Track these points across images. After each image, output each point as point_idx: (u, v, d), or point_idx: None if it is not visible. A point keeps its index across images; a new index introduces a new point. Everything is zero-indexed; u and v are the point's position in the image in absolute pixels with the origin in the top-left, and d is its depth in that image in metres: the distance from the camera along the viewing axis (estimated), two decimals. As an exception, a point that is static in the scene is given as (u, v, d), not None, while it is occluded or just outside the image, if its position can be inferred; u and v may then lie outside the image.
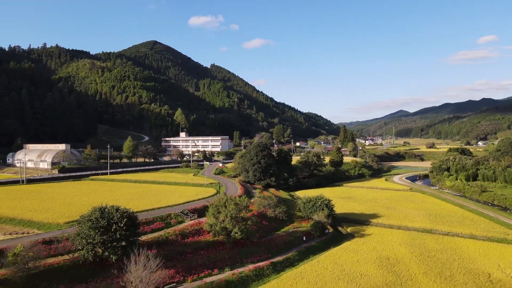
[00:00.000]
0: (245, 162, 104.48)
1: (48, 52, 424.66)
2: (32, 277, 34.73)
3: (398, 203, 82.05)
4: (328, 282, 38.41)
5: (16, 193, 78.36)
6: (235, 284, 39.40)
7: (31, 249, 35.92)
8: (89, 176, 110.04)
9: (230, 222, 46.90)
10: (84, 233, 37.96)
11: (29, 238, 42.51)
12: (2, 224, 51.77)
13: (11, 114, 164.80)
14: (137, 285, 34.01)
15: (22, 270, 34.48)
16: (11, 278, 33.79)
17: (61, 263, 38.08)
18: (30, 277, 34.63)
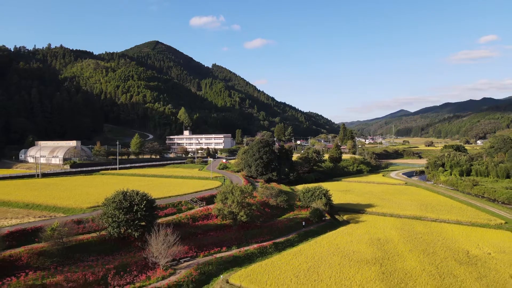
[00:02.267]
0: (248, 158, 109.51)
1: (53, 52, 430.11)
2: (66, 250, 40.06)
3: (392, 195, 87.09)
4: (324, 257, 43.57)
5: (34, 185, 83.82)
6: (242, 259, 44.68)
7: (65, 226, 41.24)
8: (99, 171, 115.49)
9: (237, 207, 52.17)
10: (110, 213, 43.27)
11: (59, 219, 47.75)
12: (30, 209, 57.16)
13: (22, 113, 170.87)
14: (157, 257, 39.40)
15: (58, 243, 39.81)
16: (48, 250, 39.14)
17: (90, 239, 43.42)
18: (65, 249, 39.96)
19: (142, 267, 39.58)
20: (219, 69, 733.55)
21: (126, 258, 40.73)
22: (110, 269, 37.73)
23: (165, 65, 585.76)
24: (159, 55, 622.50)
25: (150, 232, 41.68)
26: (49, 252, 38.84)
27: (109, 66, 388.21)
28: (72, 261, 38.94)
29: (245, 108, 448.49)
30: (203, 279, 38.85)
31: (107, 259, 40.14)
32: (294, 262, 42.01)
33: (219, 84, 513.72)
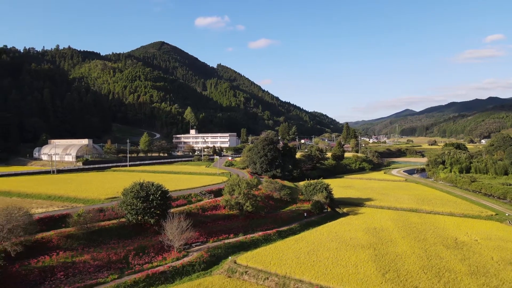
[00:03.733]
0: (252, 155, 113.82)
1: (61, 53, 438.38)
2: (90, 234, 44.59)
3: (392, 191, 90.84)
4: (323, 242, 47.69)
5: (52, 180, 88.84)
6: (248, 244, 48.99)
7: (89, 213, 45.79)
8: (110, 168, 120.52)
9: (243, 198, 56.48)
10: (129, 201, 47.73)
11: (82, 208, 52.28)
12: (52, 200, 61.92)
13: (35, 112, 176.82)
14: (172, 240, 43.83)
15: (83, 228, 44.35)
16: (75, 233, 43.71)
17: (111, 225, 47.94)
18: (89, 233, 44.49)
19: (159, 249, 44.01)
20: (224, 69, 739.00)
21: (143, 242, 45.23)
22: (130, 251, 42.26)
23: (170, 65, 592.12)
24: (165, 55, 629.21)
25: (165, 219, 46.17)
26: (76, 236, 43.40)
27: (116, 66, 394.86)
28: (96, 244, 43.43)
29: (250, 107, 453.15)
30: (213, 260, 43.20)
31: (127, 242, 44.64)
32: (295, 246, 46.18)
33: (224, 84, 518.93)
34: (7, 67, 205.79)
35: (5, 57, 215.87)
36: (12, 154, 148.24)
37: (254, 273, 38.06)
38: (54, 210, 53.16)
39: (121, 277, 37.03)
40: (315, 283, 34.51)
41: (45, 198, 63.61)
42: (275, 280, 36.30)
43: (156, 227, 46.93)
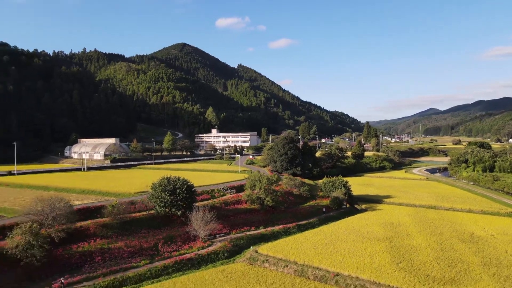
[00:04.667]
0: (273, 154, 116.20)
1: (88, 56, 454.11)
2: (123, 224, 48.35)
3: (411, 188, 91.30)
4: (340, 235, 49.76)
5: (83, 176, 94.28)
6: (268, 236, 51.66)
7: (121, 205, 49.61)
8: (136, 166, 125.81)
9: (263, 193, 59.18)
10: (157, 194, 51.30)
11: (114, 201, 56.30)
12: (86, 194, 66.50)
13: (65, 113, 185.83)
14: (197, 230, 47.02)
15: (117, 218, 48.16)
16: (110, 223, 47.56)
17: (141, 216, 51.68)
18: (122, 223, 48.26)
19: (185, 239, 47.31)
20: (245, 70, 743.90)
21: (171, 232, 48.66)
22: (160, 239, 45.75)
23: (192, 66, 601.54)
24: (186, 56, 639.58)
25: (190, 211, 49.49)
26: (110, 225, 47.24)
27: (140, 68, 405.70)
28: (129, 233, 47.12)
29: (270, 107, 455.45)
30: (235, 249, 46.12)
31: (156, 232, 48.17)
32: (314, 238, 48.49)
33: (244, 84, 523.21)
34: (40, 71, 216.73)
35: (37, 61, 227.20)
36: (45, 152, 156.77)
37: (274, 261, 40.69)
38: (89, 202, 57.49)
39: (152, 262, 40.45)
40: (331, 270, 36.80)
41: (79, 192, 68.26)
42: (294, 267, 38.80)
43: (183, 218, 50.30)
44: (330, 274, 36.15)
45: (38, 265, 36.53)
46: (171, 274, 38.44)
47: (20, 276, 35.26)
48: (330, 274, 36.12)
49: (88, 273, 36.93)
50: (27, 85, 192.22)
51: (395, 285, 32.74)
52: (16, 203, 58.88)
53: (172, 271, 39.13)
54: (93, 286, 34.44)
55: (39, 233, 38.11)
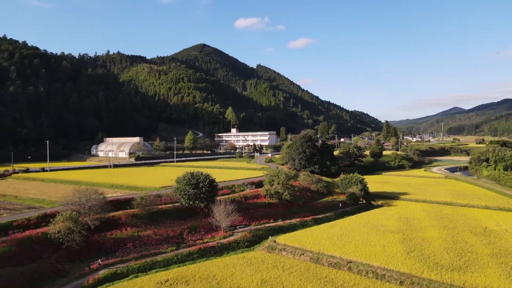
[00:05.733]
0: (291, 152, 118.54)
1: (111, 58, 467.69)
2: (151, 215, 52.09)
3: (429, 186, 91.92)
4: (355, 227, 51.96)
5: (111, 172, 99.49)
6: (286, 228, 54.39)
7: (149, 197, 53.43)
8: (159, 163, 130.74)
9: (281, 187, 61.92)
10: (182, 188, 54.83)
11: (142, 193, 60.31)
12: (115, 188, 70.99)
13: (92, 113, 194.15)
14: (219, 221, 50.24)
15: (145, 209, 51.94)
16: (139, 213, 51.38)
17: (167, 208, 55.37)
18: (150, 214, 52.00)
19: (208, 229, 50.61)
20: (264, 70, 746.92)
21: (195, 222, 52.07)
22: (185, 229, 49.21)
23: (211, 67, 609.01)
24: (206, 57, 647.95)
25: (213, 204, 52.81)
26: (139, 215, 51.07)
27: (161, 69, 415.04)
28: (156, 223, 50.79)
29: (289, 107, 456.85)
30: (255, 239, 49.09)
31: (181, 222, 51.66)
32: (329, 230, 50.92)
33: (263, 84, 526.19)
34: (67, 73, 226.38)
35: (65, 63, 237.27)
36: (73, 151, 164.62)
37: (291, 250, 43.42)
38: (119, 195, 61.74)
39: (178, 249, 43.90)
40: (345, 258, 39.24)
41: (108, 187, 72.79)
42: (310, 255, 41.43)
43: (206, 210, 53.67)
44: (343, 261, 38.59)
45: (77, 248, 40.59)
46: (195, 259, 41.76)
47: (62, 257, 39.34)
48: (344, 261, 38.56)
49: (121, 257, 40.67)
50: (56, 87, 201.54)
51: (405, 271, 34.92)
52: (53, 196, 63.88)
53: (197, 257, 42.46)
54: (127, 267, 38.08)
55: (78, 220, 42.18)
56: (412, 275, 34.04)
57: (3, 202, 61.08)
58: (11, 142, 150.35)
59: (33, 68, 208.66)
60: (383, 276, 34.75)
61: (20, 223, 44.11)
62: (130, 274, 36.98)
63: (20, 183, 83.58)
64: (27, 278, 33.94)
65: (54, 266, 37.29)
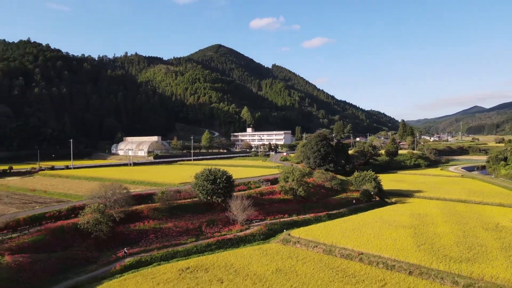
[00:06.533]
0: (306, 150, 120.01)
1: (129, 59, 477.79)
2: (171, 208, 54.80)
3: (444, 185, 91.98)
4: (368, 222, 53.43)
5: (131, 170, 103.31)
6: (300, 222, 56.28)
7: (169, 192, 56.20)
8: (177, 162, 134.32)
9: (296, 184, 63.82)
10: (200, 183, 57.40)
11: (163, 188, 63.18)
12: (136, 184, 74.32)
13: (111, 113, 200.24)
14: (236, 215, 52.55)
15: (165, 204, 54.67)
16: (160, 207, 54.14)
17: (186, 202, 58.06)
18: (170, 208, 54.70)
19: (225, 222, 53.00)
20: (279, 69, 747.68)
21: (213, 216, 54.56)
22: (203, 222, 51.72)
23: (227, 67, 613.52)
24: (222, 57, 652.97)
25: (229, 198, 55.18)
26: (160, 209, 53.83)
27: (177, 70, 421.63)
28: (176, 216, 53.45)
29: (305, 106, 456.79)
30: (270, 233, 51.20)
31: (200, 216, 54.21)
32: (342, 225, 52.60)
33: (279, 84, 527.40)
34: (89, 74, 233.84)
35: (86, 65, 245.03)
36: (94, 149, 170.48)
37: (305, 242, 45.35)
38: (140, 190, 64.86)
39: (197, 241, 46.40)
40: (356, 250, 40.92)
41: (130, 183, 76.06)
42: (323, 247, 43.27)
43: (223, 204, 56.07)
44: (355, 253, 40.30)
45: (104, 238, 43.58)
46: (214, 250, 44.17)
47: (91, 246, 42.35)
48: (355, 253, 40.27)
49: (145, 246, 43.43)
50: (78, 88, 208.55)
51: (414, 262, 36.41)
52: (79, 191, 67.56)
53: (215, 248, 44.87)
54: (150, 256, 40.75)
55: (104, 212, 45.20)
56: (421, 265, 35.51)
57: (33, 196, 65.13)
58: (36, 141, 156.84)
59: (56, 70, 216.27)
60: (393, 267, 36.34)
61: (52, 215, 47.50)
62: (154, 262, 39.62)
63: (47, 180, 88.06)
64: (61, 263, 36.98)
65: (84, 254, 40.29)
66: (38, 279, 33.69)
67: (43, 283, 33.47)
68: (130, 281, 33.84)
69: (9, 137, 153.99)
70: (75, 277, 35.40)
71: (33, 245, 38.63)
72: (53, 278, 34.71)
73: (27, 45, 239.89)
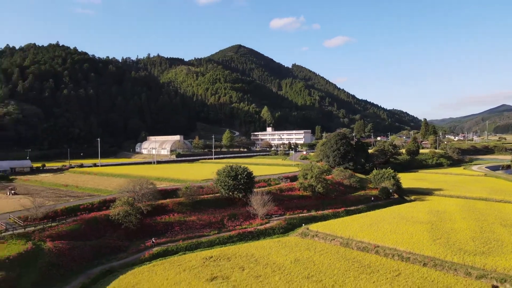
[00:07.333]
0: (326, 149, 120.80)
1: (152, 61, 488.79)
2: (194, 203, 57.58)
3: (466, 183, 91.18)
4: (385, 218, 54.52)
5: (154, 168, 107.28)
6: (319, 217, 57.94)
7: (193, 188, 58.98)
8: (198, 160, 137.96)
9: (315, 181, 65.42)
10: (222, 179, 59.95)
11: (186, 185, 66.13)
12: (160, 181, 77.65)
13: (136, 114, 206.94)
14: (256, 209, 54.75)
15: (189, 198, 57.49)
16: (184, 201, 57.01)
17: (208, 197, 60.74)
18: (194, 202, 57.49)
19: (246, 216, 55.30)
20: (299, 69, 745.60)
21: (234, 210, 56.98)
22: (225, 216, 54.22)
23: (247, 67, 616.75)
24: (242, 58, 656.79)
25: (250, 194, 57.46)
26: (184, 203, 56.69)
27: (198, 71, 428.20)
28: (199, 210, 56.15)
29: (325, 106, 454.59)
30: (289, 227, 53.13)
31: (221, 210, 56.72)
32: (360, 220, 53.92)
33: (299, 83, 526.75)
34: (113, 76, 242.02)
35: (111, 67, 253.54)
36: (119, 148, 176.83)
37: (323, 236, 47.04)
38: (165, 186, 68.07)
39: (219, 233, 48.87)
40: (373, 243, 42.31)
41: (154, 179, 79.16)
42: (340, 240, 44.86)
43: (244, 199, 58.42)
44: (371, 245, 41.71)
45: (133, 229, 46.67)
46: (235, 242, 46.53)
47: (121, 236, 45.48)
48: (372, 245, 41.68)
49: (171, 237, 46.26)
50: (103, 89, 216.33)
51: (429, 254, 37.56)
52: (108, 186, 71.48)
53: (236, 240, 47.22)
54: (176, 246, 43.49)
55: (134, 205, 48.33)
56: (435, 258, 36.66)
57: (66, 191, 69.48)
58: (65, 140, 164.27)
59: (83, 72, 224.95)
60: (408, 259, 37.62)
61: (86, 207, 51.10)
62: (179, 252, 42.32)
63: (77, 176, 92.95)
64: (95, 250, 40.18)
65: (115, 243, 43.42)
66: (76, 263, 36.93)
67: (81, 267, 36.70)
68: (159, 267, 36.55)
69: (41, 137, 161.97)
70: (108, 263, 38.51)
71: (70, 233, 42.04)
72: (88, 263, 37.93)
73: (56, 48, 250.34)
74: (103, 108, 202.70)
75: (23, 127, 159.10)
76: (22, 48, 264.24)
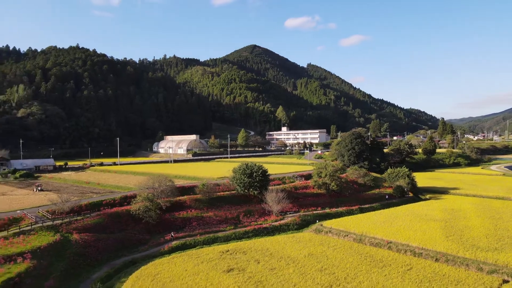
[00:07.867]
0: (341, 148, 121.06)
1: (168, 62, 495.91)
2: (211, 199, 59.37)
3: (482, 182, 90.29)
4: (399, 216, 55.06)
5: (172, 166, 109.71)
6: (333, 214, 58.92)
7: (209, 185, 60.80)
8: (214, 159, 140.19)
9: (329, 179, 66.34)
10: (238, 177, 61.57)
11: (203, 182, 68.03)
12: (178, 178, 79.67)
13: (153, 114, 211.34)
14: (271, 206, 56.12)
15: (206, 195, 59.34)
16: (201, 198, 58.88)
17: (224, 194, 62.45)
18: (210, 199, 59.29)
19: (261, 213, 56.77)
20: (314, 68, 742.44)
21: (249, 207, 58.52)
22: (241, 212, 55.82)
23: (262, 67, 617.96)
24: (257, 58, 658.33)
25: (265, 191, 58.88)
26: (201, 200, 58.57)
27: (214, 71, 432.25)
28: (215, 207, 57.90)
29: (340, 105, 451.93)
30: (303, 223, 54.31)
31: (237, 207, 58.34)
32: (373, 218, 54.61)
33: (314, 83, 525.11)
34: (132, 77, 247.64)
35: (129, 68, 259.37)
36: (137, 147, 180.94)
37: (336, 232, 48.05)
38: (182, 183, 70.12)
39: (235, 229, 50.45)
40: (386, 239, 43.11)
41: (172, 177, 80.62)
42: (353, 236, 45.81)
43: (259, 196, 59.90)
44: (384, 241, 42.54)
45: (153, 223, 48.72)
46: (251, 237, 48.04)
47: (142, 230, 47.60)
48: (384, 241, 42.50)
49: (189, 232, 48.10)
50: (122, 90, 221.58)
51: (441, 250, 38.19)
52: (128, 183, 74.07)
53: (252, 235, 48.72)
54: (193, 240, 45.30)
55: (153, 200, 50.42)
56: (447, 253, 37.28)
57: (89, 187, 72.42)
58: (86, 139, 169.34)
59: (102, 73, 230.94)
60: (420, 254, 38.35)
61: (108, 202, 53.54)
62: (197, 245, 44.10)
63: (98, 174, 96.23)
64: (118, 243, 42.34)
65: (137, 236, 45.54)
66: (100, 254, 39.14)
67: (105, 258, 38.89)
68: (178, 259, 38.35)
69: (63, 136, 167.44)
70: (130, 255, 40.59)
71: (94, 226, 44.38)
72: (112, 254, 40.09)
73: (76, 50, 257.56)
74: (122, 108, 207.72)
75: (46, 127, 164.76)
76: (44, 51, 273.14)
